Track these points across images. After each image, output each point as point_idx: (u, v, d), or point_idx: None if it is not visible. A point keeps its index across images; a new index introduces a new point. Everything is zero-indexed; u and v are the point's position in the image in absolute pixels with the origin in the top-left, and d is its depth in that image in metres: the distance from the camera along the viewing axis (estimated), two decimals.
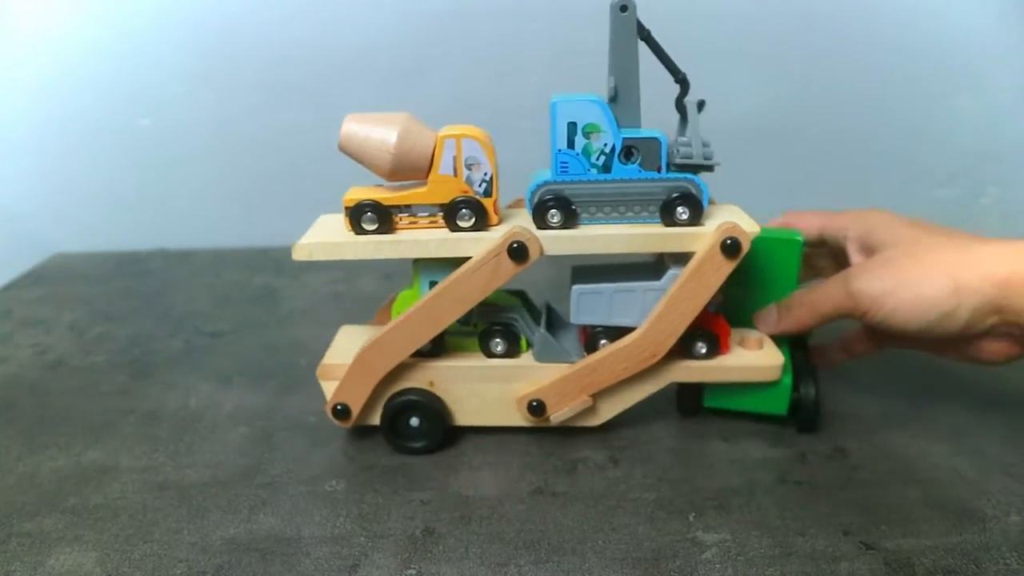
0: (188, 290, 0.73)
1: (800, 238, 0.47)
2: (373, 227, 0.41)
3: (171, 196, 0.84)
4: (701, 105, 0.43)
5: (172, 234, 0.85)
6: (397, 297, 0.47)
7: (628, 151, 0.41)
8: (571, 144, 0.41)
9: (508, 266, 0.41)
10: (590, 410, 0.45)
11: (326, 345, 0.48)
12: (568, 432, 0.47)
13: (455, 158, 0.40)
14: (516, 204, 0.47)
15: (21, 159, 0.82)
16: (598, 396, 0.45)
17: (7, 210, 0.83)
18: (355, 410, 0.44)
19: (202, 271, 0.78)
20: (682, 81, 0.43)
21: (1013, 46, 0.82)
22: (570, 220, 0.42)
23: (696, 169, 0.42)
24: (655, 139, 0.41)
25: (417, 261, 0.43)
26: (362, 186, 0.43)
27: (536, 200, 0.41)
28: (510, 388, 0.45)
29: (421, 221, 0.42)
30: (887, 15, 0.80)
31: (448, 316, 0.42)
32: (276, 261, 0.79)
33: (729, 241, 0.40)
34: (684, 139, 0.43)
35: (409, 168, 0.40)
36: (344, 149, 0.41)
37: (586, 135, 0.41)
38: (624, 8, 0.40)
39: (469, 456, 0.45)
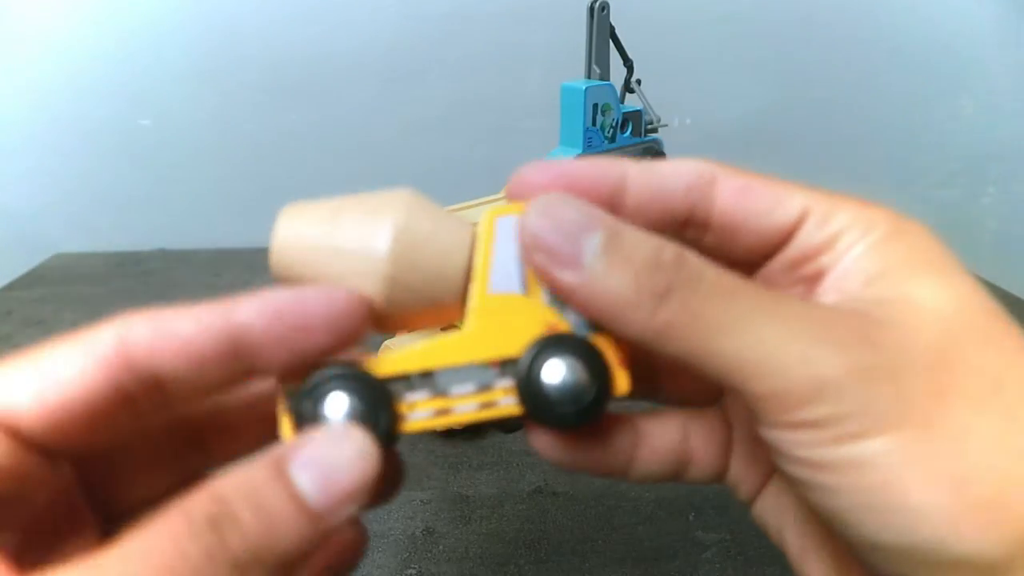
0: (188, 290, 0.73)
1: None
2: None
3: (171, 196, 0.84)
4: (639, 82, 0.54)
5: (172, 234, 0.85)
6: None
7: (624, 122, 0.51)
8: (594, 122, 0.49)
9: None
10: None
11: None
12: None
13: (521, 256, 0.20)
14: None
15: (21, 159, 0.82)
16: None
17: (7, 210, 0.83)
18: None
19: (202, 271, 0.78)
20: (630, 65, 0.54)
21: (1012, 46, 0.82)
22: None
23: (655, 131, 0.54)
24: (639, 111, 0.52)
25: None
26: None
27: None
28: None
29: (460, 405, 0.20)
30: (885, 15, 0.81)
31: None
32: None
33: None
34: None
35: (419, 287, 0.20)
36: (281, 270, 0.21)
37: (603, 113, 0.49)
38: (603, 8, 0.50)
39: (469, 456, 0.45)
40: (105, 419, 0.17)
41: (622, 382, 0.20)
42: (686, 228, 0.21)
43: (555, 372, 0.19)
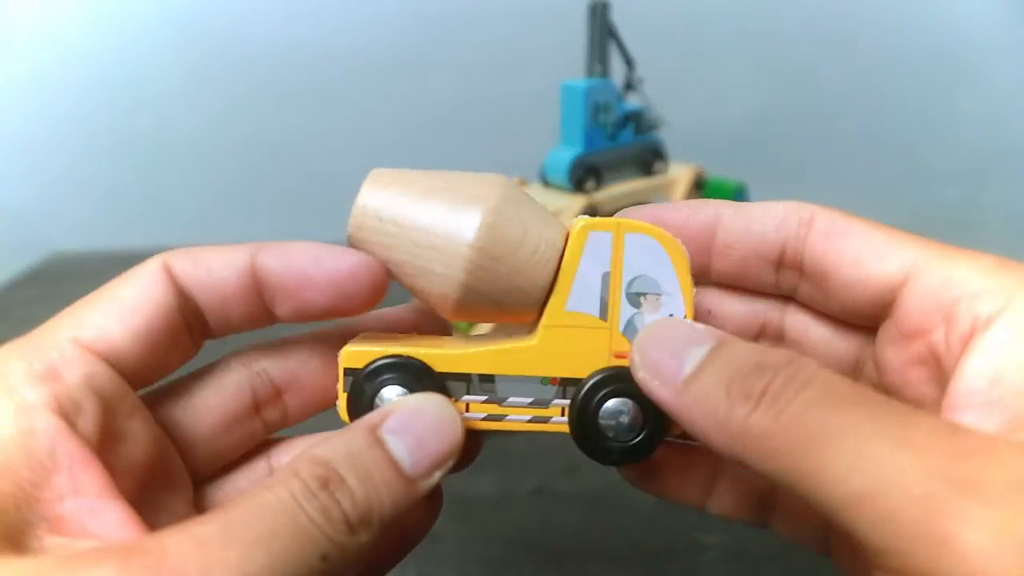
0: None
1: (732, 184, 0.57)
2: None
3: (170, 196, 0.84)
4: (640, 81, 0.54)
5: (172, 234, 0.84)
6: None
7: (625, 121, 0.51)
8: (595, 120, 0.49)
9: None
10: None
11: None
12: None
13: (608, 278, 0.19)
14: (518, 183, 0.52)
15: (19, 158, 0.82)
16: None
17: (5, 209, 0.83)
18: None
19: None
20: (630, 63, 0.54)
21: (1016, 42, 0.82)
22: (600, 184, 0.50)
23: (657, 129, 0.54)
24: (640, 110, 0.52)
25: None
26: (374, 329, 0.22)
27: (578, 172, 0.48)
28: None
29: (513, 415, 0.20)
30: (887, 12, 0.80)
31: None
32: None
33: (698, 179, 0.55)
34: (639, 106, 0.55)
35: (495, 297, 0.19)
36: (356, 235, 0.19)
37: (604, 111, 0.49)
38: (604, 7, 0.50)
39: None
40: (174, 345, 0.19)
41: (678, 427, 0.19)
42: (780, 271, 0.19)
43: (611, 409, 0.19)
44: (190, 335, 0.19)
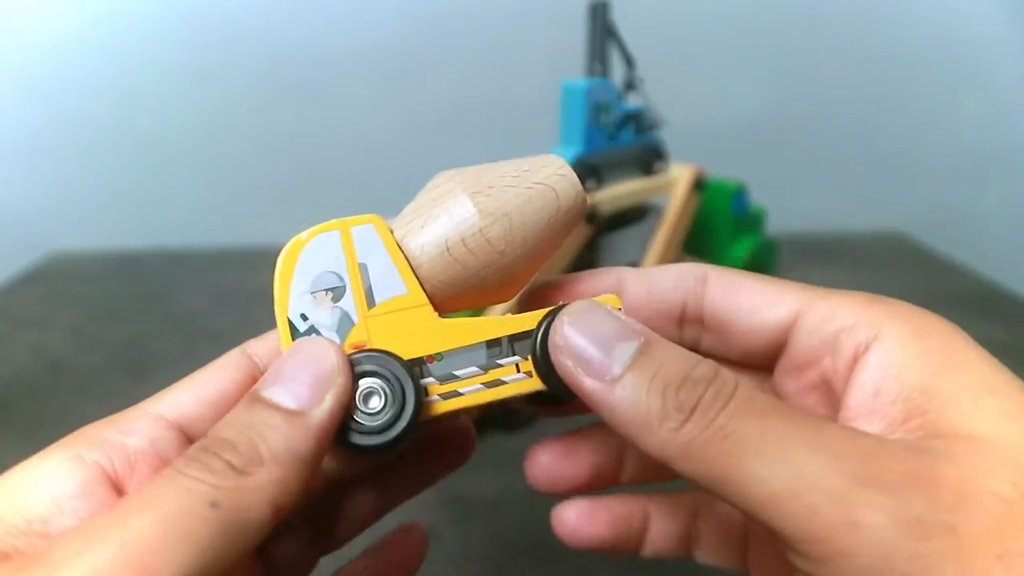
0: (188, 290, 0.72)
1: (732, 184, 0.57)
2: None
3: (170, 194, 0.84)
4: (640, 81, 0.54)
5: (172, 233, 0.85)
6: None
7: (625, 121, 0.51)
8: (595, 120, 0.49)
9: (585, 228, 0.48)
10: None
11: None
12: None
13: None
14: None
15: (18, 157, 0.81)
16: None
17: (5, 209, 0.83)
18: None
19: (202, 271, 0.77)
20: (631, 63, 0.54)
21: (1017, 41, 0.82)
22: (600, 184, 0.50)
23: (657, 129, 0.54)
24: (641, 110, 0.52)
25: None
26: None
27: (578, 172, 0.48)
28: None
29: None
30: (888, 12, 0.80)
31: None
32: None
33: (698, 180, 0.54)
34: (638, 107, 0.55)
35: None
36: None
37: (604, 111, 0.49)
38: (605, 7, 0.50)
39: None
40: None
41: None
42: (683, 327, 0.22)
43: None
44: None
